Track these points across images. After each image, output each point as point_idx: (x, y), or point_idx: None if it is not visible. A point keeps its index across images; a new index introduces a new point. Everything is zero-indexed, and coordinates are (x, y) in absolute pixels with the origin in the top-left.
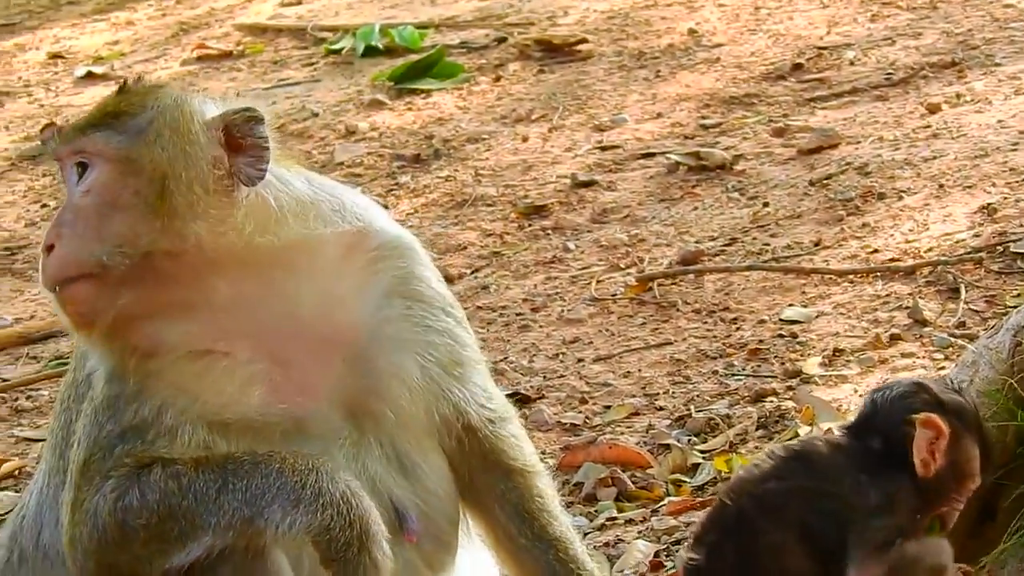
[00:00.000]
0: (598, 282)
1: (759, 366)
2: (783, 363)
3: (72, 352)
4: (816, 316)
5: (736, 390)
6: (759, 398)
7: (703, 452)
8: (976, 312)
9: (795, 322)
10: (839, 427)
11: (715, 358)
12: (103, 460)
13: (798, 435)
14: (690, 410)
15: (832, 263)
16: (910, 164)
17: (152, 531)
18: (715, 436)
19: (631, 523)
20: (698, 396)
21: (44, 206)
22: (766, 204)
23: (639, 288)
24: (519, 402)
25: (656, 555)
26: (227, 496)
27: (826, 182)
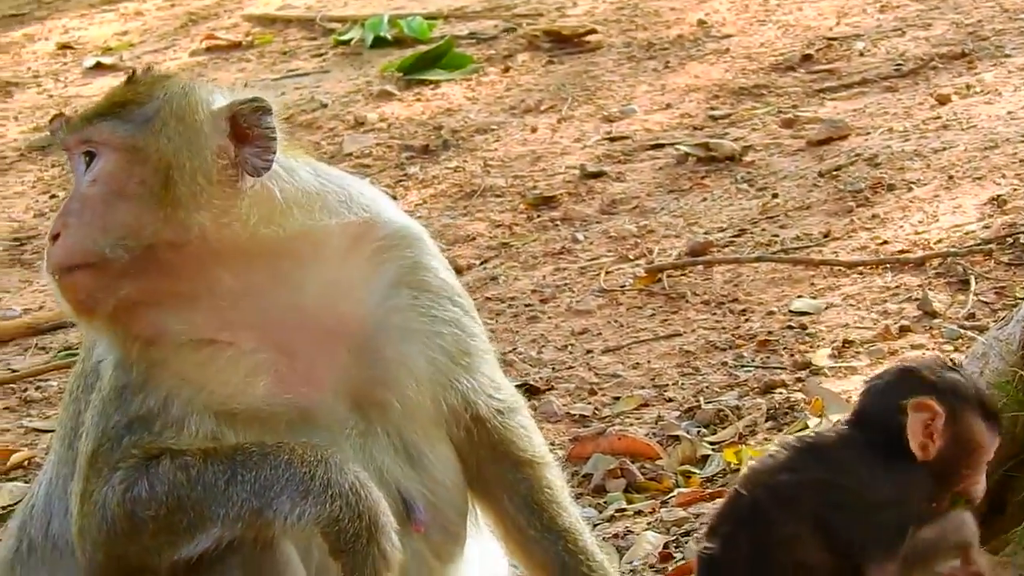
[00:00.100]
0: (607, 273)
1: (768, 357)
2: (792, 354)
3: (81, 343)
4: (825, 307)
5: (745, 381)
6: (768, 389)
7: (712, 443)
8: (986, 304)
9: (804, 313)
10: (842, 421)
11: (724, 349)
12: (111, 451)
13: (807, 427)
14: (699, 401)
15: (841, 254)
16: (920, 155)
17: (161, 522)
18: (724, 427)
19: (640, 514)
20: (707, 387)
21: (53, 196)
22: (775, 195)
23: (648, 279)
24: (528, 393)
25: (665, 546)
26: (236, 487)
27: (835, 173)
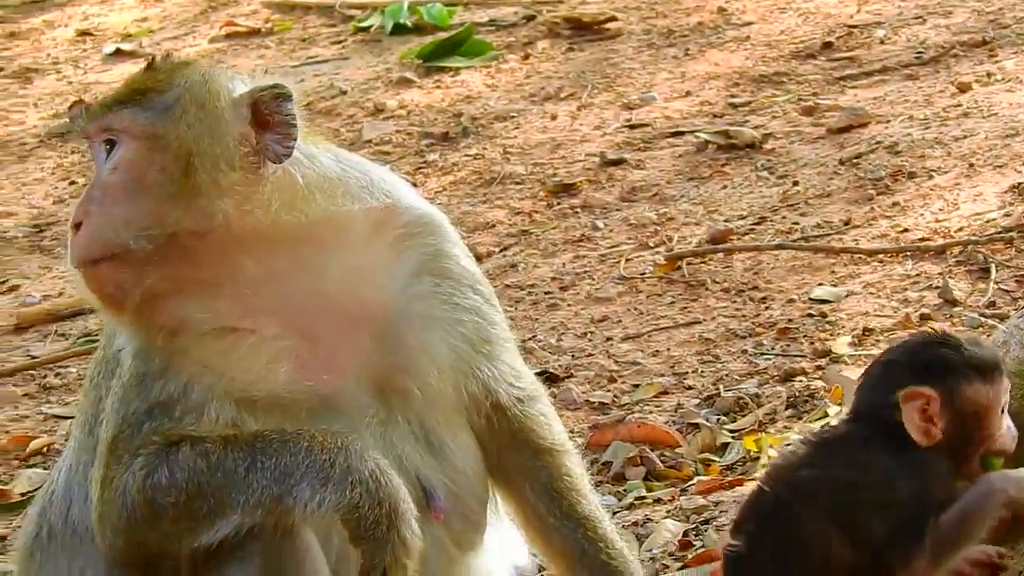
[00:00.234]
0: (627, 261)
1: (788, 345)
2: (812, 342)
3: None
4: (846, 295)
5: (765, 369)
6: (788, 377)
7: (732, 431)
8: (1006, 292)
9: (825, 301)
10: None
11: (744, 337)
12: (131, 438)
13: (827, 415)
14: (719, 389)
15: (862, 242)
16: (940, 143)
17: (181, 509)
18: (744, 415)
19: (660, 502)
20: (727, 375)
21: (72, 183)
22: (795, 183)
23: (668, 267)
24: (547, 381)
25: (685, 534)
26: (256, 474)
27: (856, 161)
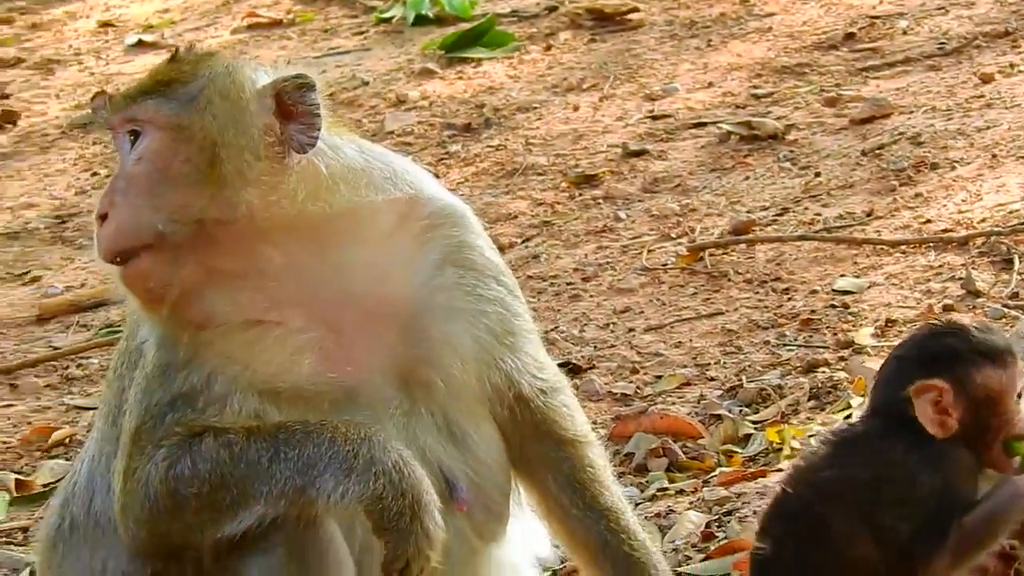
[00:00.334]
0: (649, 252)
1: (811, 336)
2: (835, 333)
3: (122, 320)
4: (868, 286)
5: (788, 360)
6: (811, 368)
7: (755, 423)
8: None
9: (847, 292)
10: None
11: (767, 328)
12: (154, 428)
13: (850, 406)
14: (741, 380)
15: (884, 233)
16: (963, 134)
17: (204, 500)
18: (767, 407)
19: (682, 494)
20: (750, 366)
21: (95, 174)
22: (818, 174)
23: (690, 258)
24: (570, 372)
25: (707, 526)
26: (279, 465)
27: (878, 152)
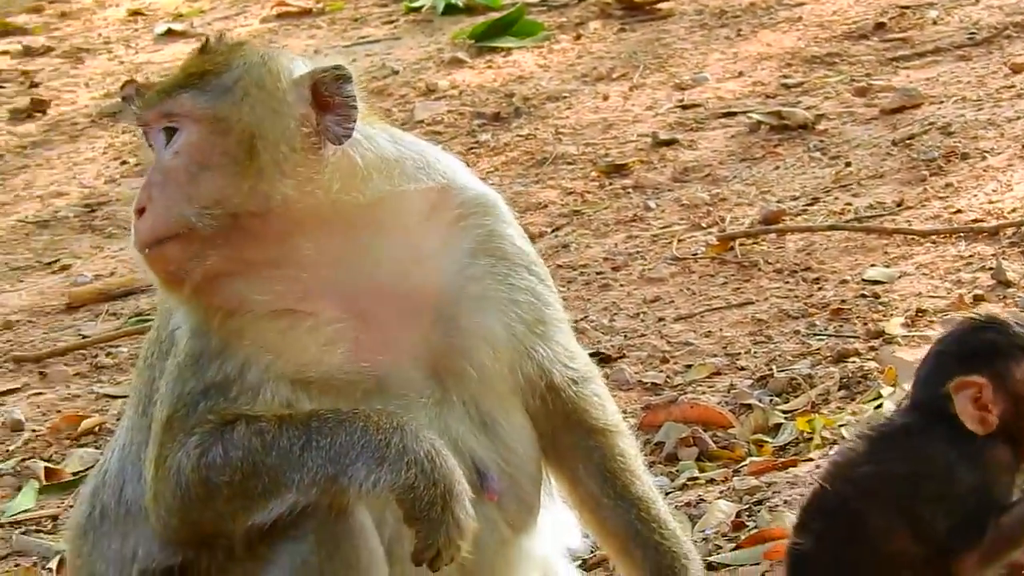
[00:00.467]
0: (679, 241)
1: (841, 326)
2: (865, 323)
3: (152, 309)
4: (899, 276)
5: (818, 350)
6: (841, 358)
7: (785, 412)
8: None
9: (878, 282)
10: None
11: (797, 318)
12: (186, 417)
13: (880, 395)
14: (772, 370)
15: (915, 223)
16: (993, 124)
17: (235, 488)
18: (797, 396)
19: (712, 483)
20: (780, 356)
21: (124, 163)
22: (848, 164)
23: (720, 247)
24: (600, 361)
25: (738, 515)
26: (311, 453)
27: (909, 142)
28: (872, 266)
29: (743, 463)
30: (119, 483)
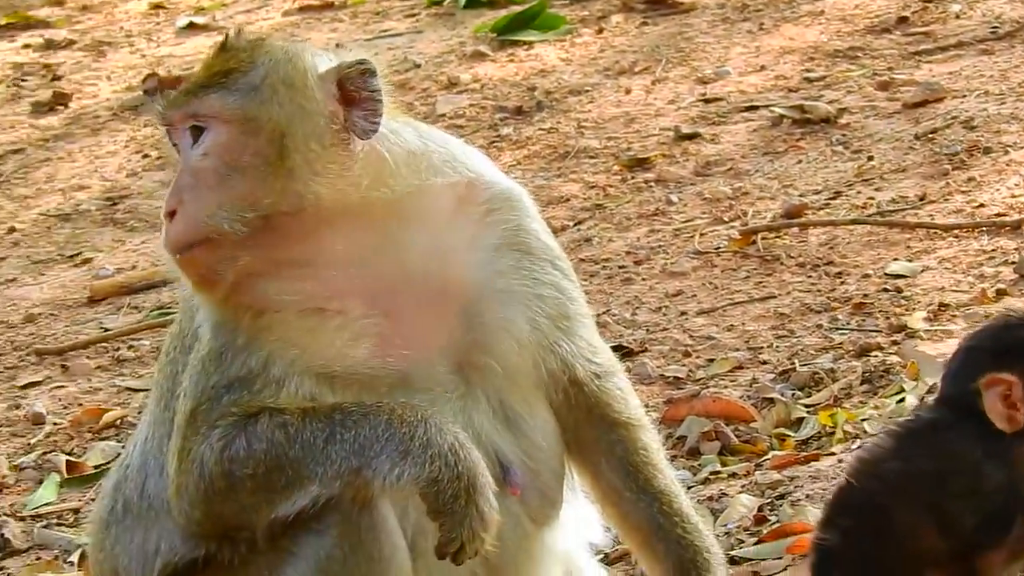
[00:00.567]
0: (701, 235)
1: (864, 320)
2: (888, 317)
3: (174, 302)
4: (921, 270)
5: (840, 344)
6: (864, 352)
7: (807, 406)
8: None
9: (900, 276)
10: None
11: (819, 312)
12: (210, 410)
13: (903, 390)
14: (794, 364)
15: (937, 217)
16: (1016, 118)
17: (258, 481)
18: (819, 390)
19: (735, 477)
20: (802, 350)
21: (146, 156)
22: (871, 158)
23: (743, 241)
24: (622, 355)
25: (760, 509)
26: (335, 446)
27: (931, 136)
28: (894, 260)
29: (765, 457)
30: (141, 477)
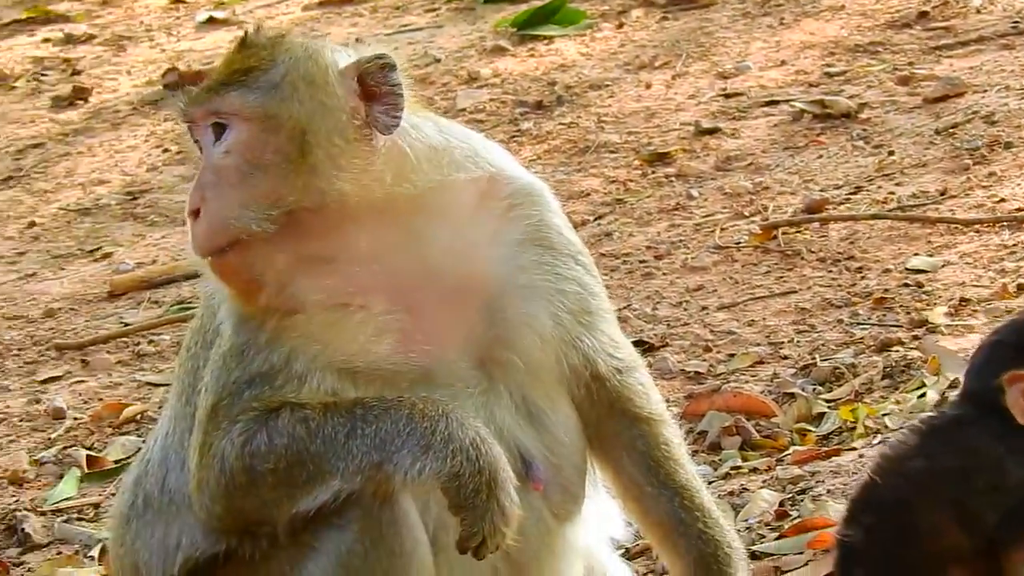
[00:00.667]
0: (722, 230)
1: (885, 315)
2: (909, 312)
3: (194, 297)
4: (942, 265)
5: (861, 339)
6: (885, 347)
7: (828, 401)
8: None
9: (921, 271)
10: (954, 400)
11: (840, 307)
12: (231, 405)
13: (924, 385)
14: (815, 359)
15: (958, 212)
16: None
17: (279, 475)
18: (840, 385)
19: (756, 472)
20: (823, 345)
21: (166, 151)
22: (891, 153)
23: (763, 236)
24: (643, 350)
25: (781, 504)
26: (356, 441)
27: (952, 131)
28: (915, 255)
29: (786, 452)
30: (162, 472)
